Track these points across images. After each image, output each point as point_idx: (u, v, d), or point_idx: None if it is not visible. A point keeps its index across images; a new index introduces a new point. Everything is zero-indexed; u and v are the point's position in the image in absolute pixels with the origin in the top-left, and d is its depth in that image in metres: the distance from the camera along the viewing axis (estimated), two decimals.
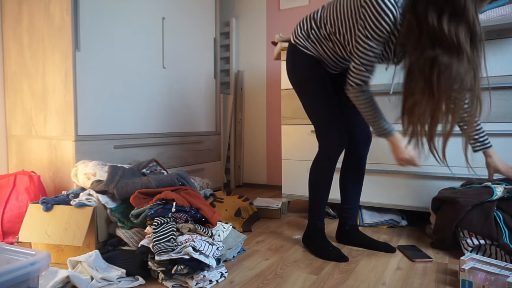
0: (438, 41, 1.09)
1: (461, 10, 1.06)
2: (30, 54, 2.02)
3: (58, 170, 1.94)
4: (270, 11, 3.12)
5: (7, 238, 1.69)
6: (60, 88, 1.90)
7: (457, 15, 1.07)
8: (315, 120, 1.56)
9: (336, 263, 1.46)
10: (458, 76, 1.10)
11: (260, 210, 2.21)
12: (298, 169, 2.24)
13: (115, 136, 2.08)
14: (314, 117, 1.56)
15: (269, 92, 3.16)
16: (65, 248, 1.46)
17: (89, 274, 1.21)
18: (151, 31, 2.30)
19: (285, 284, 1.26)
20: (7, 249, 1.01)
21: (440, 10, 1.08)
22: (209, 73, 2.86)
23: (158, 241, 1.22)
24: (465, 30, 1.08)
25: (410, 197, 1.93)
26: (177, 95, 2.53)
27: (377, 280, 1.30)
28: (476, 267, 1.17)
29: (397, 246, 1.64)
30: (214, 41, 2.91)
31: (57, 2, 1.87)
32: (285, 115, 2.26)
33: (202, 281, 1.23)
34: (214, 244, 1.30)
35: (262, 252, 1.59)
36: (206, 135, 2.81)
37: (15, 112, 2.11)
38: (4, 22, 2.13)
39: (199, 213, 1.38)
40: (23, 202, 1.72)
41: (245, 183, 3.33)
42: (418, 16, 1.12)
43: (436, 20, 1.08)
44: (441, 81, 1.11)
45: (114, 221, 1.50)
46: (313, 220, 1.61)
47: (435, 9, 1.08)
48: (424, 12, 1.10)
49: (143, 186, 1.51)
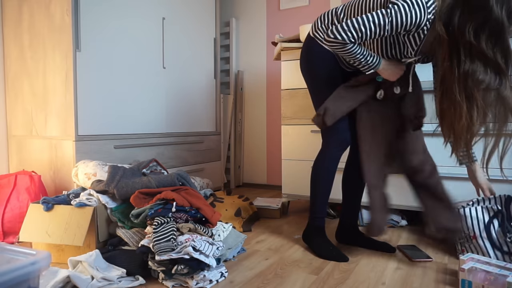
0: (477, 57, 1.10)
1: (499, 29, 1.08)
2: (30, 54, 2.02)
3: (59, 170, 1.94)
4: (270, 11, 3.12)
5: (7, 238, 1.69)
6: (60, 88, 1.90)
7: (495, 34, 1.08)
8: None
9: (336, 263, 1.46)
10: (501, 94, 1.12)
11: (260, 210, 2.21)
12: (298, 169, 2.24)
13: (116, 136, 2.08)
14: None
15: (269, 92, 3.16)
16: (65, 248, 1.46)
17: (90, 273, 1.21)
18: (151, 31, 2.30)
19: (285, 284, 1.27)
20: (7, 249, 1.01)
21: (478, 27, 1.09)
22: (209, 73, 2.86)
23: (158, 241, 1.22)
24: (501, 50, 1.10)
25: (410, 197, 1.93)
26: (177, 95, 2.53)
27: (377, 280, 1.30)
28: (475, 267, 1.17)
29: (397, 246, 1.64)
30: (214, 41, 2.91)
31: (58, 3, 1.88)
32: (285, 115, 2.26)
33: (202, 281, 1.23)
34: (214, 244, 1.30)
35: (262, 252, 1.60)
36: (206, 135, 2.81)
37: (15, 112, 2.12)
38: (5, 23, 2.13)
39: (199, 213, 1.39)
40: (24, 202, 1.72)
41: (245, 183, 3.33)
42: (454, 29, 1.12)
43: (474, 35, 1.09)
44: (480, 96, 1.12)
45: (114, 221, 1.50)
46: (313, 217, 1.61)
47: (473, 24, 1.09)
48: (462, 26, 1.11)
49: (143, 186, 1.51)
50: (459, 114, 1.15)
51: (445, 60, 1.17)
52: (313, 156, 2.19)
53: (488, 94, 1.13)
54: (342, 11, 1.45)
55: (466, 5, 1.11)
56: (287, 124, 2.26)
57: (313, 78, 1.56)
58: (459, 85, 1.14)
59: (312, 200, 1.61)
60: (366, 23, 1.24)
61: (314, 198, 1.60)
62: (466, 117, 1.15)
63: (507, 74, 1.11)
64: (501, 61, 1.10)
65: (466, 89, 1.13)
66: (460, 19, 1.12)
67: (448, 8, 1.15)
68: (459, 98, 1.14)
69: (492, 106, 1.15)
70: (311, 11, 2.93)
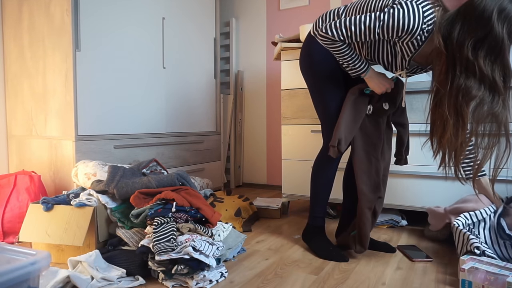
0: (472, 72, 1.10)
1: (499, 47, 1.07)
2: (30, 54, 2.02)
3: (59, 170, 1.94)
4: (270, 11, 3.12)
5: (7, 238, 1.69)
6: (60, 88, 1.90)
7: (494, 52, 1.07)
8: (323, 116, 1.56)
9: (336, 263, 1.46)
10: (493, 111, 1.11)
11: (260, 210, 2.21)
12: (298, 169, 2.24)
13: (115, 136, 2.08)
14: (323, 112, 1.55)
15: (269, 92, 3.16)
16: (65, 248, 1.46)
17: (89, 274, 1.21)
18: (151, 31, 2.30)
19: (285, 284, 1.27)
20: (7, 249, 1.01)
21: (477, 43, 1.08)
22: (209, 73, 2.86)
23: (158, 241, 1.22)
24: (500, 67, 1.09)
25: (410, 197, 1.93)
26: (177, 95, 2.53)
27: (377, 280, 1.30)
28: (475, 267, 1.17)
29: (397, 246, 1.64)
30: (214, 41, 2.91)
31: (57, 2, 1.88)
32: (285, 115, 2.26)
33: (202, 281, 1.23)
34: (214, 244, 1.30)
35: (262, 252, 1.60)
36: (206, 135, 2.81)
37: (15, 112, 2.12)
38: (5, 23, 2.13)
39: (199, 213, 1.39)
40: (24, 202, 1.72)
41: (245, 183, 3.33)
42: (452, 42, 1.11)
43: (471, 51, 1.08)
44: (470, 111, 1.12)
45: (114, 221, 1.50)
46: (312, 216, 1.61)
47: (472, 40, 1.08)
48: (461, 41, 1.10)
49: (143, 186, 1.51)
50: (446, 127, 1.16)
51: (441, 73, 1.16)
52: (313, 156, 2.19)
53: (481, 109, 1.12)
54: (344, 11, 1.45)
55: (467, 19, 1.09)
56: (287, 124, 2.26)
57: (313, 77, 1.55)
58: (450, 99, 1.14)
59: (312, 200, 1.61)
60: (357, 23, 1.24)
61: (314, 198, 1.60)
62: (451, 131, 1.15)
63: (503, 92, 1.10)
64: (498, 79, 1.09)
65: (456, 103, 1.13)
66: (460, 33, 1.10)
67: (448, 21, 1.13)
68: (448, 112, 1.14)
69: (484, 121, 1.14)
70: (311, 11, 2.93)
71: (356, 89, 1.49)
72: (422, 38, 1.22)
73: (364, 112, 1.48)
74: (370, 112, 1.49)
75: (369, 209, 1.46)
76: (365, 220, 1.45)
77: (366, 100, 1.49)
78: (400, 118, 1.56)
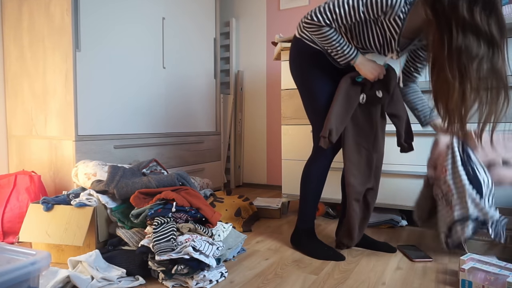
0: (470, 31, 1.09)
1: (493, 1, 1.07)
2: (30, 54, 2.02)
3: (59, 170, 1.94)
4: (270, 11, 3.12)
5: (7, 238, 1.69)
6: (60, 88, 1.90)
7: (489, 5, 1.07)
8: (313, 116, 1.54)
9: (336, 263, 1.46)
10: (494, 67, 1.11)
11: (260, 210, 2.21)
12: (298, 169, 2.24)
13: (115, 136, 2.08)
14: (314, 115, 1.54)
15: (269, 92, 3.16)
16: (65, 248, 1.46)
17: (90, 273, 1.21)
18: (151, 31, 2.30)
19: (285, 284, 1.27)
20: (7, 249, 1.01)
21: (472, 1, 1.08)
22: (209, 73, 2.86)
23: (158, 241, 1.22)
24: (495, 21, 1.08)
25: (410, 197, 1.93)
26: (177, 95, 2.53)
27: (377, 280, 1.30)
28: (476, 267, 1.17)
29: (397, 246, 1.64)
30: (214, 41, 2.91)
31: (57, 2, 1.88)
32: (285, 115, 2.26)
33: (202, 281, 1.23)
34: (214, 244, 1.30)
35: (262, 252, 1.60)
36: (206, 135, 2.81)
37: (15, 112, 2.12)
38: (5, 23, 2.13)
39: (199, 213, 1.39)
40: (24, 202, 1.72)
41: (245, 183, 3.33)
42: (443, 6, 1.11)
43: (467, 9, 1.08)
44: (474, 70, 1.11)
45: (114, 221, 1.50)
46: (302, 220, 1.60)
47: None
48: (453, 2, 1.09)
49: (143, 186, 1.51)
50: (452, 90, 1.15)
51: (435, 40, 1.16)
52: None
53: (481, 67, 1.11)
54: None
55: None
56: (287, 124, 2.26)
57: (301, 76, 1.53)
58: (451, 62, 1.13)
59: (302, 203, 1.60)
60: (341, 5, 1.25)
61: (305, 200, 1.59)
62: (459, 92, 1.14)
63: (501, 44, 1.11)
64: (495, 32, 1.09)
65: (460, 65, 1.12)
66: None
67: None
68: (452, 75, 1.13)
69: (486, 79, 1.13)
70: None
71: (348, 77, 1.47)
72: (405, 10, 1.22)
73: (356, 102, 1.46)
74: (363, 101, 1.47)
75: (357, 201, 1.46)
76: (352, 213, 1.45)
77: (358, 89, 1.46)
78: (394, 109, 1.51)
